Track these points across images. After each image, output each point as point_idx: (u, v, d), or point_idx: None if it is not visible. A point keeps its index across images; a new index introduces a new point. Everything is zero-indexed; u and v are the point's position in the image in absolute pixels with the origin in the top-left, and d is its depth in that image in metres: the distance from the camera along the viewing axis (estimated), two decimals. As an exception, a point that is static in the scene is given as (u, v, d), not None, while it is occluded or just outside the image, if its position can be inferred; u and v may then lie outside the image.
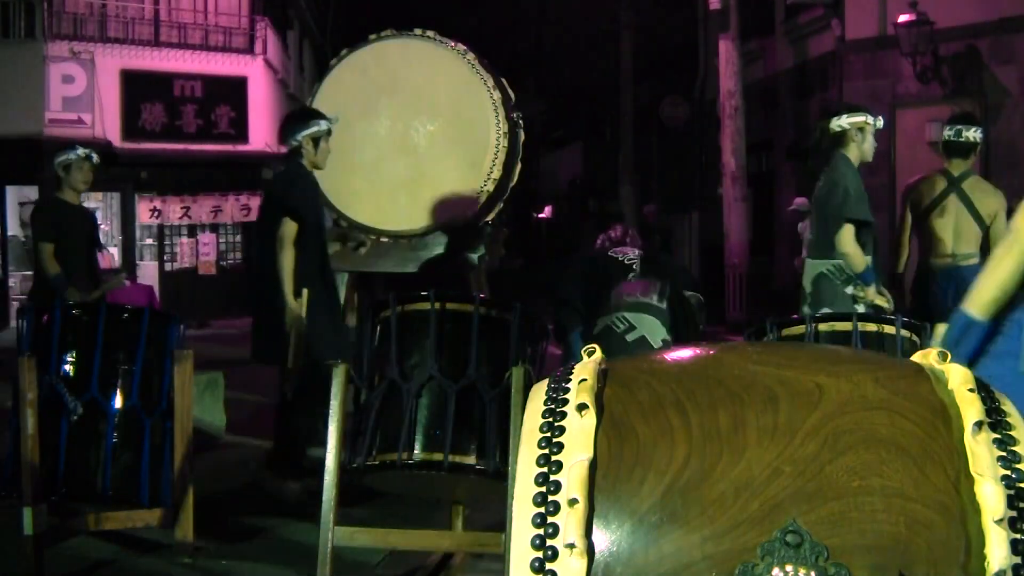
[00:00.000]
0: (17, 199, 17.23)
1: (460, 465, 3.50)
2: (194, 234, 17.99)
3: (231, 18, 18.22)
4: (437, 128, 6.21)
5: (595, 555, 1.18)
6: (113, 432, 4.07)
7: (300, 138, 5.36)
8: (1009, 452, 1.23)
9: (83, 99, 16.33)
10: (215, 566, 4.30)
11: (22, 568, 3.88)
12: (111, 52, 16.74)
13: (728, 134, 14.52)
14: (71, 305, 4.41)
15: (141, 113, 16.94)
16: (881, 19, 13.23)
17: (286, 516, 5.04)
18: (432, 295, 3.59)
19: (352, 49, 6.43)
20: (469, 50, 6.33)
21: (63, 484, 4.00)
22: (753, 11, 15.71)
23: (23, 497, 3.86)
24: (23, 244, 17.46)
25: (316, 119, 5.44)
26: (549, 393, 1.31)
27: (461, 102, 6.15)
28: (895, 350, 3.57)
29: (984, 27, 12.22)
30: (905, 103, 13.02)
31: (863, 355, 1.85)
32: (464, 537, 4.06)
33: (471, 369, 3.51)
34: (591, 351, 1.37)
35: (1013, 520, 1.18)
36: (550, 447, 1.24)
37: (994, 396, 1.31)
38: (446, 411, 3.48)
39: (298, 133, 5.38)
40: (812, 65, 14.98)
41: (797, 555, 1.15)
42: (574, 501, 1.18)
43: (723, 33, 14.59)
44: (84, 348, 4.11)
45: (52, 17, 16.44)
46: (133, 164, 16.74)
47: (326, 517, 3.52)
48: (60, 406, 4.01)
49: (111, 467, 4.05)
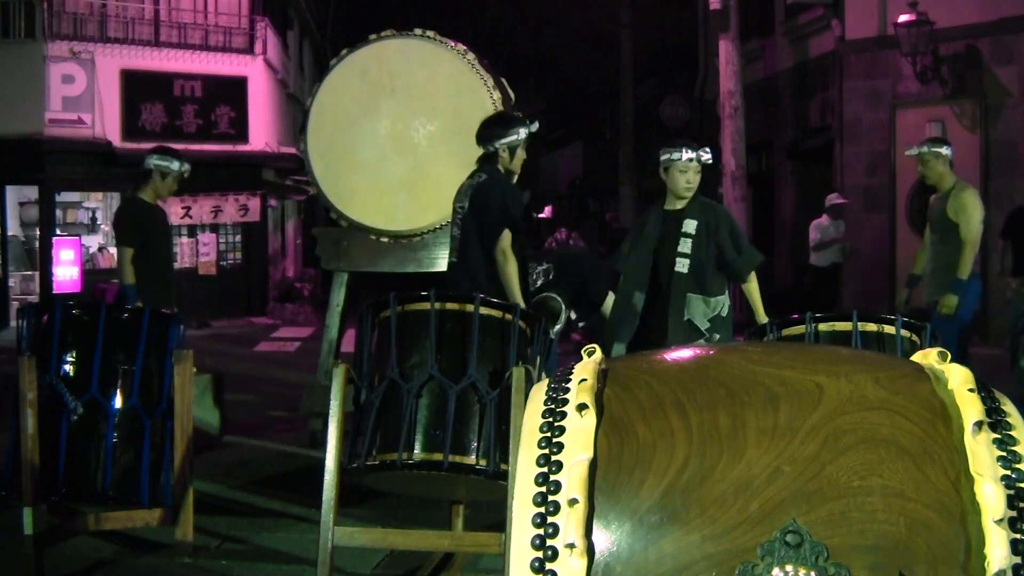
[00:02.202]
0: (17, 199, 17.22)
1: (460, 465, 3.49)
2: (194, 234, 17.98)
3: (231, 18, 18.21)
4: (437, 128, 6.21)
5: (595, 555, 1.18)
6: (113, 432, 4.07)
7: (498, 144, 5.29)
8: (1009, 452, 1.23)
9: (83, 99, 16.32)
10: (215, 566, 4.30)
11: (22, 568, 3.88)
12: (111, 52, 16.73)
13: (728, 134, 14.51)
14: (71, 305, 4.40)
15: (141, 113, 16.93)
16: (881, 19, 13.23)
17: (286, 516, 5.04)
18: (432, 295, 3.59)
19: (352, 49, 6.43)
20: (469, 50, 6.33)
21: (63, 484, 4.00)
22: (753, 11, 15.71)
23: (23, 497, 3.86)
24: (23, 244, 17.46)
25: (516, 126, 5.36)
26: (549, 393, 1.31)
27: (461, 102, 6.15)
28: (895, 351, 3.58)
29: (984, 27, 12.22)
30: (905, 103, 13.02)
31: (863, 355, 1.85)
32: (464, 537, 4.06)
33: (471, 369, 3.51)
34: (591, 351, 1.37)
35: (1013, 520, 1.18)
36: (550, 447, 1.24)
37: (994, 396, 1.30)
38: (446, 411, 3.48)
39: (497, 140, 5.29)
40: (812, 65, 14.98)
41: (797, 555, 1.15)
42: (574, 501, 1.18)
43: (723, 33, 14.58)
44: (84, 348, 4.11)
45: (52, 17, 16.43)
46: (133, 164, 16.67)
47: (326, 517, 3.52)
48: (60, 406, 4.01)
49: (111, 467, 4.05)
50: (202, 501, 4.59)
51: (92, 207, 18.21)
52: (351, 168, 6.25)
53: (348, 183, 6.22)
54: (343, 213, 6.30)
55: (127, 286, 6.20)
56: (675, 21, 20.76)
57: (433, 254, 6.33)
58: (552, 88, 29.59)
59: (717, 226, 5.24)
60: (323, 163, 6.34)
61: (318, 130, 6.37)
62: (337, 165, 6.29)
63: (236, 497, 5.49)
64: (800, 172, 15.59)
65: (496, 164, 5.29)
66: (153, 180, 6.41)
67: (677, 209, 5.28)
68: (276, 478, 5.89)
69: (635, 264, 5.33)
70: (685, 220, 5.23)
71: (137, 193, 6.53)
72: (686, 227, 5.22)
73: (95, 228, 18.10)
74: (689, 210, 5.25)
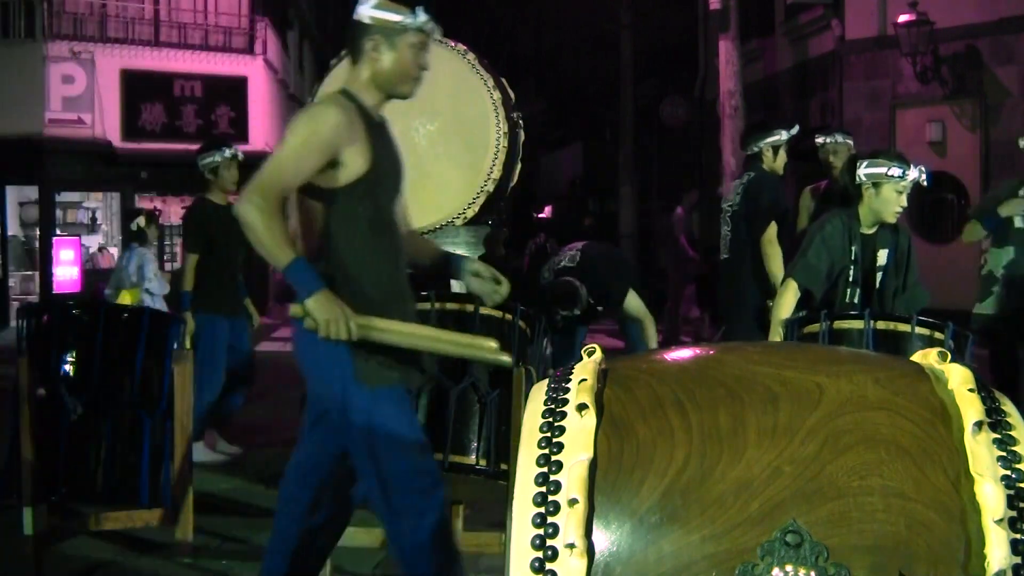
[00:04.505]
0: (17, 199, 17.22)
1: (460, 465, 3.50)
2: (194, 234, 17.96)
3: (231, 18, 18.21)
4: (437, 128, 6.20)
5: (595, 555, 1.18)
6: (113, 432, 4.07)
7: (761, 145, 5.79)
8: (1009, 452, 1.23)
9: (83, 99, 16.32)
10: (215, 566, 4.30)
11: (22, 568, 3.88)
12: (111, 52, 16.72)
13: (728, 134, 14.50)
14: (71, 305, 4.40)
15: (141, 113, 16.93)
16: (881, 19, 13.23)
17: (286, 516, 5.04)
18: (432, 295, 3.59)
19: (352, 49, 6.42)
20: (469, 50, 6.33)
21: (63, 484, 4.00)
22: (753, 11, 15.70)
23: (23, 497, 3.86)
24: (23, 244, 17.45)
25: (778, 129, 5.89)
26: (549, 393, 1.31)
27: (461, 102, 6.14)
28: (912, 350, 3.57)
29: (984, 27, 12.22)
30: (905, 103, 13.02)
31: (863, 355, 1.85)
32: (464, 537, 4.06)
33: (471, 369, 3.51)
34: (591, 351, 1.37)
35: (1013, 520, 1.18)
36: (550, 447, 1.24)
37: (994, 396, 1.30)
38: (446, 411, 3.48)
39: (761, 140, 5.80)
40: (812, 65, 14.98)
41: (797, 555, 1.15)
42: (574, 501, 1.18)
43: (723, 33, 14.57)
44: (84, 348, 4.10)
45: (52, 17, 16.42)
46: (133, 164, 16.72)
47: (326, 517, 3.51)
48: (60, 406, 4.00)
49: (111, 467, 4.05)
50: (202, 501, 4.58)
51: (92, 207, 18.20)
52: (351, 168, 6.23)
53: (348, 183, 6.21)
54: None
55: (184, 293, 6.13)
56: (675, 21, 20.74)
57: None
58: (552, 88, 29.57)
59: (907, 251, 4.42)
60: (323, 163, 6.33)
61: (318, 130, 6.36)
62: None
63: (236, 497, 5.49)
64: (800, 172, 15.57)
65: (760, 163, 5.78)
66: (210, 179, 6.31)
67: (871, 234, 4.33)
68: (276, 478, 5.85)
69: (814, 279, 4.28)
70: (879, 251, 4.35)
71: (205, 195, 6.41)
72: (880, 259, 4.36)
73: (95, 228, 18.09)
74: (881, 236, 4.35)
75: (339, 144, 2.89)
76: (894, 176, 4.15)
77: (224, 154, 6.28)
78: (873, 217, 4.25)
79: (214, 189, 6.32)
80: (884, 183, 4.17)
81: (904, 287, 4.35)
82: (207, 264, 6.16)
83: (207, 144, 6.48)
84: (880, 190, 4.19)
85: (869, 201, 4.23)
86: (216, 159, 6.26)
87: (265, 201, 2.79)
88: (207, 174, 6.29)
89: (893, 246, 4.35)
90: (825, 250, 4.24)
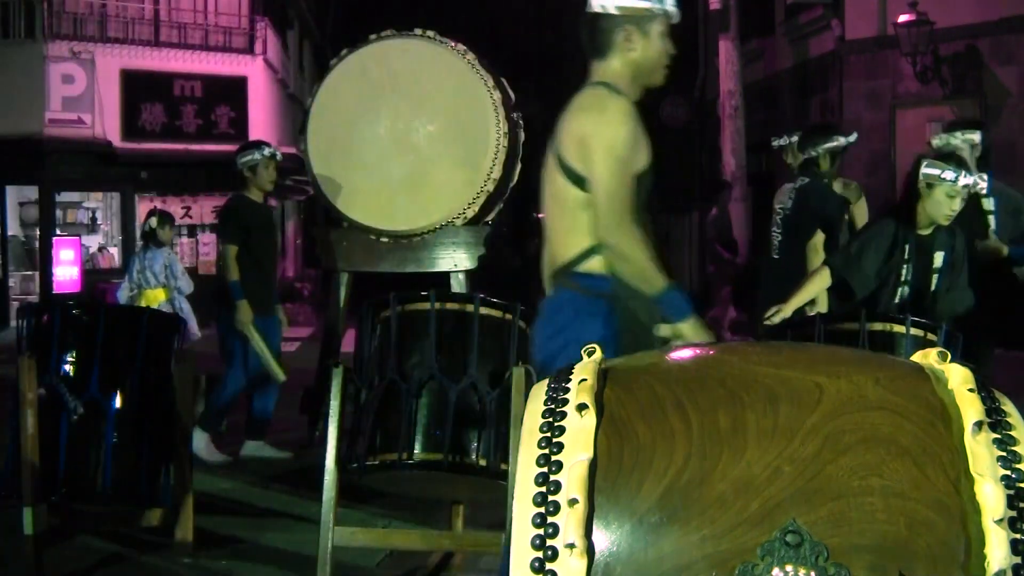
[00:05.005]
0: (17, 199, 17.22)
1: (460, 465, 3.50)
2: (194, 234, 17.96)
3: (231, 18, 18.21)
4: (437, 128, 6.20)
5: (595, 555, 1.18)
6: (113, 432, 4.07)
7: (820, 150, 5.76)
8: (1009, 452, 1.23)
9: (83, 99, 16.31)
10: (215, 566, 4.30)
11: (22, 568, 3.88)
12: (111, 52, 16.72)
13: (728, 134, 14.51)
14: (71, 305, 4.40)
15: (141, 113, 16.92)
16: (881, 19, 13.23)
17: (286, 516, 5.04)
18: (432, 295, 3.59)
19: (352, 49, 6.42)
20: (469, 50, 6.32)
21: (63, 484, 4.00)
22: (753, 11, 15.70)
23: (23, 497, 3.86)
24: (23, 244, 17.45)
25: (836, 135, 5.90)
26: (549, 393, 1.31)
27: (461, 102, 6.14)
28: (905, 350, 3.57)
29: (984, 27, 12.22)
30: (905, 103, 13.02)
31: (863, 355, 1.85)
32: (464, 537, 4.06)
33: (471, 369, 3.51)
34: (591, 351, 1.37)
35: (1013, 520, 1.18)
36: (550, 447, 1.24)
37: (994, 396, 1.30)
38: (446, 411, 3.48)
39: (819, 145, 5.77)
40: (812, 65, 14.98)
41: (797, 555, 1.15)
42: (574, 501, 1.18)
43: (723, 33, 14.58)
44: (84, 348, 4.11)
45: (52, 17, 16.42)
46: (133, 164, 16.72)
47: (326, 517, 3.52)
48: (60, 406, 4.00)
49: (111, 467, 4.05)
50: (202, 501, 4.58)
51: (92, 207, 18.19)
52: (351, 168, 6.24)
53: (348, 183, 6.22)
54: (343, 213, 6.30)
55: (232, 283, 6.16)
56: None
57: (433, 254, 6.32)
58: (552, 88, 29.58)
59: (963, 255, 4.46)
60: (323, 163, 6.34)
61: (318, 130, 6.37)
62: (337, 165, 6.29)
63: (236, 497, 5.49)
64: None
65: (815, 169, 5.74)
66: (248, 178, 6.42)
67: (927, 235, 4.37)
68: (276, 478, 5.88)
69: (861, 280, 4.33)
70: (935, 253, 4.39)
71: (242, 191, 6.51)
72: (936, 260, 4.39)
73: (95, 228, 18.09)
74: (939, 238, 4.38)
75: (639, 138, 2.82)
76: (947, 180, 4.19)
77: (264, 152, 6.45)
78: (927, 218, 4.29)
79: (251, 187, 6.45)
80: (937, 185, 4.22)
81: (953, 288, 4.38)
82: (241, 260, 6.22)
83: (246, 144, 6.64)
84: (933, 192, 4.23)
85: (924, 202, 4.27)
86: (256, 157, 6.41)
87: (635, 228, 2.71)
88: (245, 172, 6.42)
89: (949, 248, 4.38)
90: (871, 248, 4.30)
